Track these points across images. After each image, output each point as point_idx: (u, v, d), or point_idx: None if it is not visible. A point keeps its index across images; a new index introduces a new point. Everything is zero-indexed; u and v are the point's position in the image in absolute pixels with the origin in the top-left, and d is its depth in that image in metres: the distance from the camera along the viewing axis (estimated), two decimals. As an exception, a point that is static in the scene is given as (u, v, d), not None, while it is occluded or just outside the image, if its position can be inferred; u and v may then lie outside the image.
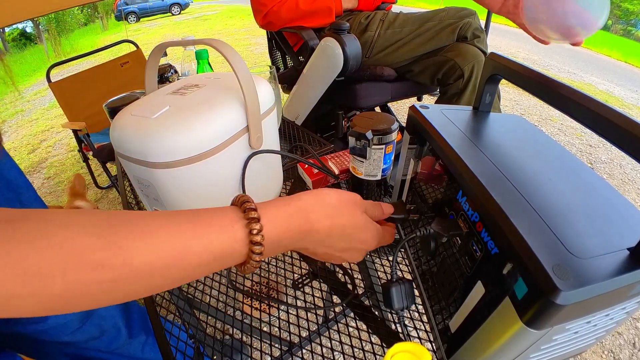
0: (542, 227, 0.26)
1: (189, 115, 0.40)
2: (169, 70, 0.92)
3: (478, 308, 0.31)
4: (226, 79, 0.50)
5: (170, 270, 0.24)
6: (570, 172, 0.34)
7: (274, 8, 1.18)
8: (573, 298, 0.22)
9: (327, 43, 1.06)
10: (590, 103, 0.27)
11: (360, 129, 0.51)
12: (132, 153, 0.41)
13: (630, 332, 1.11)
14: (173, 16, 10.80)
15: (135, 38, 2.29)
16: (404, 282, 0.39)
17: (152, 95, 0.48)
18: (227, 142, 0.43)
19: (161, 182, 0.42)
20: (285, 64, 1.55)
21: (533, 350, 0.27)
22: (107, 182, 1.93)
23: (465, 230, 0.33)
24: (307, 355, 0.83)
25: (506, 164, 0.34)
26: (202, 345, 0.48)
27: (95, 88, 1.78)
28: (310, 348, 0.46)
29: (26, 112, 3.56)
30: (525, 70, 0.36)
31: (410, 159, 0.49)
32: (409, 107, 0.46)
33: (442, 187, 0.39)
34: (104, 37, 8.65)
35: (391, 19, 1.13)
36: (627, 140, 0.24)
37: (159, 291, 0.25)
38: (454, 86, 1.07)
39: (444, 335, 0.38)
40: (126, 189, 0.76)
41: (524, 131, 0.42)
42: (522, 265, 0.24)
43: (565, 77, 3.87)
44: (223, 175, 0.45)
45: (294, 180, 0.72)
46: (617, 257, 0.24)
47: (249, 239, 0.26)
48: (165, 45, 0.47)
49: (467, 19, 1.05)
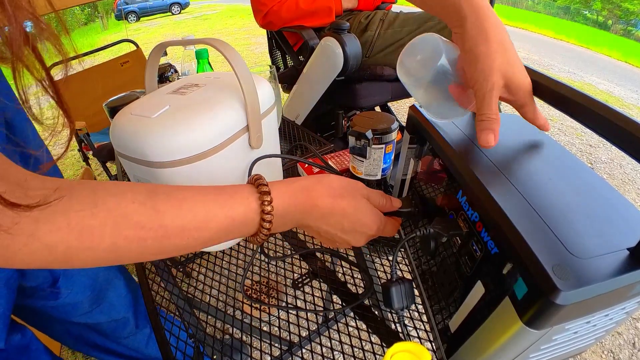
0: (542, 227, 0.26)
1: (189, 114, 0.40)
2: (169, 69, 0.91)
3: (478, 308, 0.31)
4: (226, 79, 0.50)
5: (198, 233, 0.29)
6: (570, 172, 0.34)
7: (274, 7, 1.18)
8: (573, 298, 0.22)
9: (327, 43, 1.06)
10: (591, 103, 0.27)
11: (360, 128, 0.51)
12: (131, 152, 0.41)
13: (630, 332, 1.11)
14: (173, 15, 10.79)
15: (135, 37, 2.29)
16: (403, 281, 0.39)
17: (152, 95, 0.48)
18: (227, 141, 0.43)
19: (161, 181, 0.42)
20: (285, 63, 1.55)
21: (533, 350, 0.27)
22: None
23: (465, 230, 0.33)
24: (307, 354, 0.83)
25: (506, 163, 0.34)
26: (202, 345, 0.48)
27: (95, 87, 1.78)
28: (310, 348, 0.46)
29: (26, 112, 3.56)
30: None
31: (410, 158, 0.48)
32: (409, 107, 0.46)
33: (442, 187, 0.39)
34: (104, 37, 8.64)
35: (391, 19, 1.12)
36: (627, 140, 0.24)
37: (188, 251, 0.30)
38: (454, 86, 1.06)
39: (443, 335, 0.38)
40: (126, 188, 0.76)
41: (524, 131, 0.42)
42: (522, 265, 0.24)
43: (566, 77, 3.87)
44: (223, 175, 0.45)
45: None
46: (617, 257, 0.24)
47: (260, 209, 0.31)
48: (165, 44, 0.47)
49: (467, 19, 1.04)
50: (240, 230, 0.31)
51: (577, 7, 15.57)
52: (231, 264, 0.56)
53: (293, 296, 0.52)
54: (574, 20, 14.18)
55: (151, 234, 0.26)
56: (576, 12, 15.27)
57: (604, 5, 14.96)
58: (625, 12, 13.77)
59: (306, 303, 0.49)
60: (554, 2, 15.86)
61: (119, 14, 10.99)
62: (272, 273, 0.54)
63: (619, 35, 12.07)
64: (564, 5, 15.48)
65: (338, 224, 0.35)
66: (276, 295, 0.91)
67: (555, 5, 15.64)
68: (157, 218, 0.27)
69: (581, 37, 8.24)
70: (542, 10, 14.92)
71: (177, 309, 0.51)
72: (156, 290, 0.52)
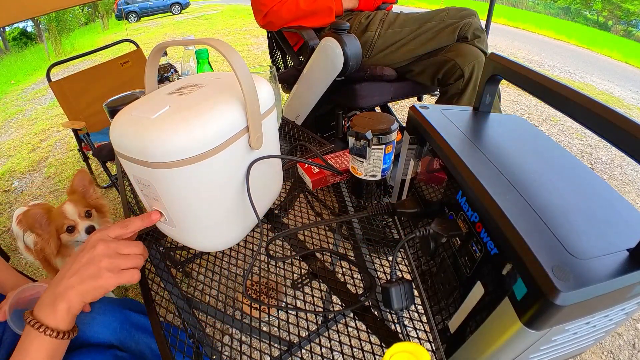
0: (542, 228, 0.26)
1: (189, 115, 0.40)
2: (169, 69, 0.91)
3: (477, 308, 0.31)
4: (226, 79, 0.50)
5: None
6: (570, 172, 0.34)
7: (275, 8, 1.18)
8: (572, 299, 0.22)
9: (328, 43, 1.06)
10: (591, 104, 0.27)
11: (360, 129, 0.51)
12: (131, 153, 0.41)
13: (630, 333, 1.11)
14: (173, 15, 10.80)
15: (135, 37, 2.29)
16: (403, 282, 0.39)
17: (152, 95, 0.48)
18: (227, 142, 0.43)
19: (161, 182, 0.42)
20: (285, 63, 1.55)
21: (532, 350, 0.27)
22: (107, 181, 1.93)
23: (465, 231, 0.33)
24: (307, 355, 0.83)
25: (506, 164, 0.34)
26: (201, 345, 0.48)
27: (95, 87, 1.78)
28: (309, 348, 0.46)
29: (26, 111, 3.57)
30: (525, 70, 0.36)
31: (410, 159, 0.48)
32: (409, 107, 0.46)
33: (442, 188, 0.39)
34: (105, 37, 8.65)
35: (391, 19, 1.13)
36: (627, 141, 0.24)
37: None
38: (454, 86, 1.07)
39: (443, 335, 0.38)
40: (126, 188, 0.76)
41: (524, 132, 0.42)
42: (522, 266, 0.24)
43: (566, 77, 3.86)
44: (223, 175, 0.45)
45: (293, 180, 0.72)
46: (616, 258, 0.24)
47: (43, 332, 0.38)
48: (165, 44, 0.47)
49: (467, 19, 1.04)
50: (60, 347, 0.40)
51: (578, 7, 15.57)
52: (231, 264, 0.56)
53: (293, 296, 0.52)
54: (574, 21, 14.18)
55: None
56: (576, 12, 15.26)
57: (605, 6, 14.96)
58: (626, 13, 13.77)
59: (306, 303, 0.49)
60: (554, 3, 15.86)
61: (119, 14, 10.99)
62: (271, 273, 0.54)
63: (620, 36, 12.06)
64: (564, 6, 15.48)
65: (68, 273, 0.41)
66: (276, 295, 0.91)
67: (556, 5, 15.64)
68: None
69: (582, 37, 8.24)
70: (543, 11, 14.91)
71: (177, 309, 0.51)
72: (156, 290, 0.53)
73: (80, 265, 0.40)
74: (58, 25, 9.10)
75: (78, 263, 0.40)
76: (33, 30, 9.69)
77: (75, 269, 0.40)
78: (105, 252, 0.41)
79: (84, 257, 0.41)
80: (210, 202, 0.45)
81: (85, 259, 0.40)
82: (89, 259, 0.40)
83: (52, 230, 0.91)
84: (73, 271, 0.40)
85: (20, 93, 4.45)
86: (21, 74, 5.68)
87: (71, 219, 0.93)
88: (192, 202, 0.44)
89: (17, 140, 2.80)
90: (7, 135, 2.99)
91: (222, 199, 0.47)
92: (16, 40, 9.76)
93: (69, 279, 0.40)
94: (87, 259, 0.40)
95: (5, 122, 3.36)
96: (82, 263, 0.40)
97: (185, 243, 0.52)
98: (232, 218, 0.50)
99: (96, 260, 0.40)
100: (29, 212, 0.89)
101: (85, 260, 0.40)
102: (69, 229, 0.93)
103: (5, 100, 4.21)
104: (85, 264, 0.40)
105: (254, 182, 0.50)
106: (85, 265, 0.40)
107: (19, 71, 5.92)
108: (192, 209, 0.45)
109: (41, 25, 8.52)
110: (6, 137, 2.93)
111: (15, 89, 4.73)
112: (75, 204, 0.95)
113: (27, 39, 9.75)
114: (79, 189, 0.99)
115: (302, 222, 0.64)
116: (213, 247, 0.54)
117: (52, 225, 0.91)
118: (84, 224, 0.94)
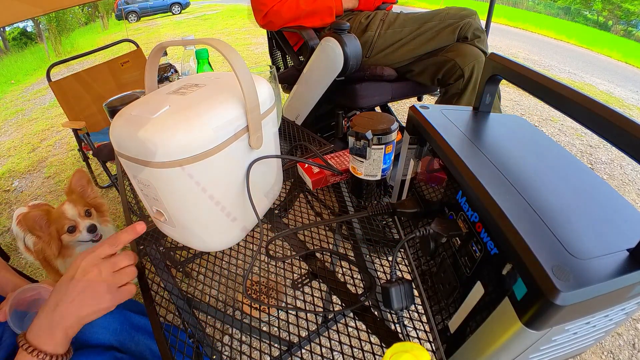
0: (542, 228, 0.26)
1: (189, 115, 0.40)
2: (169, 69, 0.91)
3: (477, 308, 0.31)
4: (226, 79, 0.50)
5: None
6: (570, 172, 0.34)
7: (275, 7, 1.18)
8: (572, 299, 0.22)
9: (328, 43, 1.06)
10: (590, 104, 0.27)
11: (360, 129, 0.51)
12: (131, 153, 0.41)
13: (630, 333, 1.11)
14: (173, 15, 10.80)
15: (135, 37, 2.29)
16: (403, 282, 0.39)
17: (152, 95, 0.48)
18: (227, 142, 0.43)
19: (161, 182, 0.42)
20: (285, 63, 1.55)
21: (532, 350, 0.27)
22: (107, 181, 1.93)
23: (465, 231, 0.33)
24: (307, 355, 0.83)
25: (506, 164, 0.34)
26: (201, 345, 0.48)
27: (95, 87, 1.78)
28: (309, 348, 0.46)
29: (26, 111, 3.56)
30: (525, 70, 0.36)
31: (410, 159, 0.48)
32: (409, 107, 0.46)
33: (442, 188, 0.39)
34: (105, 37, 8.65)
35: (391, 19, 1.12)
36: (627, 141, 0.24)
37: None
38: (454, 86, 1.07)
39: (443, 335, 0.38)
40: (126, 188, 0.76)
41: (524, 132, 0.42)
42: (522, 266, 0.24)
43: (566, 77, 3.86)
44: (223, 175, 0.45)
45: (293, 180, 0.72)
46: (616, 258, 0.24)
47: None
48: (165, 44, 0.47)
49: (467, 19, 1.04)
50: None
51: (578, 7, 15.56)
52: (231, 264, 0.56)
53: (293, 296, 0.52)
54: (574, 21, 14.17)
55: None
56: (576, 12, 15.25)
57: (605, 6, 14.95)
58: (626, 13, 13.76)
59: (306, 303, 0.49)
60: (554, 3, 15.84)
61: (119, 14, 10.99)
62: (271, 273, 0.54)
63: (620, 36, 12.06)
64: (564, 6, 15.47)
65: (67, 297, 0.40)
66: (276, 295, 0.91)
67: (556, 5, 15.63)
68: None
69: (582, 37, 8.23)
70: (543, 11, 14.90)
71: (177, 309, 0.51)
72: (156, 290, 0.52)
73: (76, 293, 0.40)
74: (58, 25, 9.09)
75: (73, 290, 0.40)
76: (33, 30, 9.69)
77: (72, 297, 0.40)
78: (100, 278, 0.41)
79: (78, 284, 0.40)
80: (210, 202, 0.45)
81: (80, 286, 0.40)
82: (85, 285, 0.40)
83: (52, 232, 0.91)
84: (70, 299, 0.40)
85: (20, 93, 4.45)
86: (21, 74, 5.68)
87: (72, 219, 0.93)
88: (192, 202, 0.44)
89: (17, 140, 2.80)
90: (7, 135, 2.99)
91: (222, 199, 0.47)
92: (16, 40, 9.76)
93: (67, 305, 0.39)
94: (82, 285, 0.40)
95: (5, 122, 3.36)
96: (78, 290, 0.40)
97: (185, 243, 0.52)
98: (232, 218, 0.50)
99: (93, 286, 0.40)
100: (28, 214, 0.89)
101: (80, 287, 0.40)
102: (70, 229, 0.93)
103: (5, 100, 4.20)
104: (82, 291, 0.40)
105: (254, 182, 0.50)
106: (81, 292, 0.40)
107: (19, 71, 5.92)
108: (192, 208, 0.45)
109: (41, 25, 8.52)
110: (6, 137, 2.93)
111: (15, 89, 4.74)
112: (74, 204, 0.95)
113: (27, 38, 9.74)
114: (77, 189, 0.99)
115: (302, 222, 0.64)
116: (213, 247, 0.54)
117: (53, 226, 0.91)
118: (84, 223, 0.94)
